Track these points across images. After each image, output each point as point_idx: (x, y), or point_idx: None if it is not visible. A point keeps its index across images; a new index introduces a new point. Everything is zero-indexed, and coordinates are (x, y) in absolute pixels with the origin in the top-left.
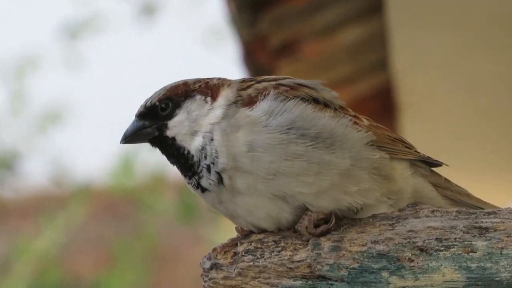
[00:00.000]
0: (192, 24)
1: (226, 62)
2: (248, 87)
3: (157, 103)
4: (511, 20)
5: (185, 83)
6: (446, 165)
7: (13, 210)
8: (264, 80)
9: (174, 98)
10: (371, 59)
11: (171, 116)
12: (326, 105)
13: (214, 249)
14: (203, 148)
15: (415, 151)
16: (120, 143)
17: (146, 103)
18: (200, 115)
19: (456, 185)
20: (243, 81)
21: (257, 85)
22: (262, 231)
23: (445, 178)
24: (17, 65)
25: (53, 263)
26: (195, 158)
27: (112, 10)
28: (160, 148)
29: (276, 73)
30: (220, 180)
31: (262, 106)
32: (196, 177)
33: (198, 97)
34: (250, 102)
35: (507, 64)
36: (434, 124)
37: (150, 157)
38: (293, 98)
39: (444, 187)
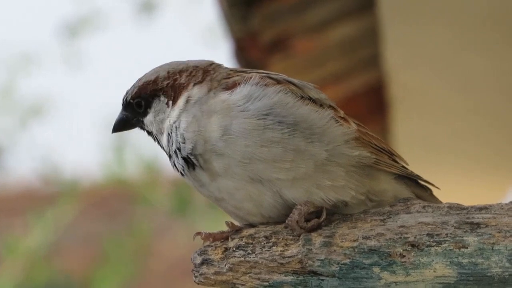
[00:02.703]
0: (191, 21)
1: (224, 58)
2: (237, 75)
3: (132, 101)
4: (503, 16)
5: (155, 80)
6: (437, 188)
7: (1, 207)
8: (256, 72)
9: (143, 96)
10: (363, 56)
11: (145, 114)
12: (310, 99)
13: (198, 233)
14: (169, 136)
15: (403, 166)
16: (112, 132)
17: (125, 98)
18: (163, 118)
19: (440, 202)
20: (233, 70)
21: (245, 74)
22: (250, 224)
23: (431, 193)
24: (9, 60)
25: (43, 261)
26: (166, 149)
27: (111, 7)
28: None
29: (268, 69)
30: (188, 164)
31: (242, 90)
32: (172, 159)
33: (162, 98)
34: (233, 86)
35: (499, 61)
36: (426, 121)
37: (143, 149)
38: (275, 86)
39: (427, 200)
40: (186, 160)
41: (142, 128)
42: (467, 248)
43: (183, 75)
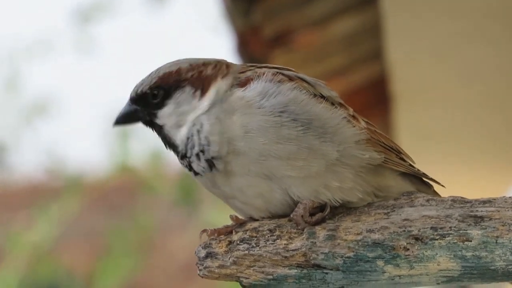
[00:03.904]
0: (201, 8)
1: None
2: (249, 70)
3: (148, 91)
4: (506, 10)
5: (178, 71)
6: (442, 185)
7: (5, 201)
8: (266, 67)
9: (164, 87)
10: (365, 50)
11: (161, 105)
12: (323, 97)
13: (204, 230)
14: (188, 139)
15: (410, 165)
16: (113, 126)
17: (138, 90)
18: (188, 110)
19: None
20: (245, 65)
21: (257, 69)
22: (255, 218)
23: (434, 190)
24: (16, 52)
25: (47, 255)
26: (181, 147)
27: None
28: (152, 129)
29: (270, 64)
30: (211, 166)
31: (256, 86)
32: (187, 160)
33: (188, 89)
34: (246, 82)
35: (502, 54)
36: (429, 114)
37: (149, 140)
38: (289, 83)
39: None
40: (209, 162)
41: (151, 121)
42: (471, 241)
43: (208, 67)
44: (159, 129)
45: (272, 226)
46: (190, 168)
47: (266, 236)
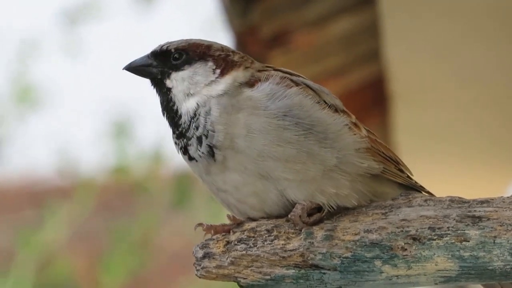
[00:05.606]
0: (190, 11)
1: None
2: (266, 70)
3: (173, 51)
4: (504, 9)
5: (209, 46)
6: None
7: (14, 200)
8: (280, 70)
9: (190, 53)
10: (363, 50)
11: (178, 68)
12: (327, 105)
13: (199, 224)
14: (195, 116)
15: (408, 176)
16: (123, 69)
17: (163, 46)
18: (201, 82)
19: None
20: (265, 65)
21: (273, 72)
22: (250, 218)
23: None
24: (16, 49)
25: (57, 257)
26: (183, 121)
27: None
28: (157, 91)
29: (268, 64)
30: (211, 154)
31: (264, 87)
32: (184, 141)
33: (210, 64)
34: (255, 83)
35: (500, 54)
36: (427, 114)
37: (145, 141)
38: (295, 87)
39: None
40: (210, 149)
41: (160, 81)
42: (468, 241)
43: (236, 55)
44: (166, 92)
45: (270, 226)
46: (184, 151)
47: (264, 236)
